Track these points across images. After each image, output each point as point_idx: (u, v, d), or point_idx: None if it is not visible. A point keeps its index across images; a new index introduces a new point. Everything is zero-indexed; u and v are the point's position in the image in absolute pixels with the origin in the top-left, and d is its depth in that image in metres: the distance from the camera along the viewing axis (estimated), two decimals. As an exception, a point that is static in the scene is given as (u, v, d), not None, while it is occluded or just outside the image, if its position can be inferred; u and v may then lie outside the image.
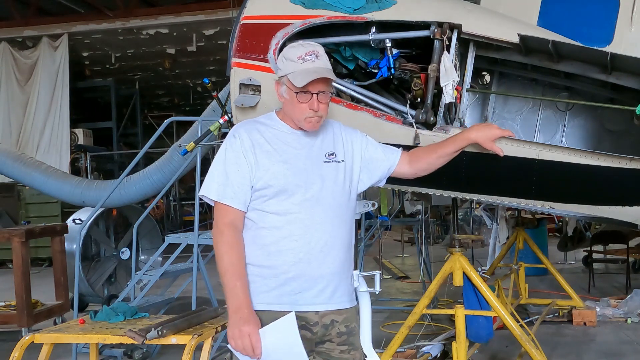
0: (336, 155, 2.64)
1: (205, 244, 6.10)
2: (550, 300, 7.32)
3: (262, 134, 2.60)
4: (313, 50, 2.57)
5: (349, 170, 2.66)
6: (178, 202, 20.43)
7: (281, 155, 2.56)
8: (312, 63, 2.53)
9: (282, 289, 2.50)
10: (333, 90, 2.65)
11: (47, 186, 8.41)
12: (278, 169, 2.53)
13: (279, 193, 2.52)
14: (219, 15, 14.22)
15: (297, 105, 2.55)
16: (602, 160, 3.87)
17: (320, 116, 2.58)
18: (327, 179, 2.57)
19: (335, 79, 2.62)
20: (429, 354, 5.61)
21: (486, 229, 11.28)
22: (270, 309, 2.50)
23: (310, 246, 2.51)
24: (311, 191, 2.54)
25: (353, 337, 2.62)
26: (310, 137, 2.64)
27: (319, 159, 2.60)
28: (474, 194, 4.35)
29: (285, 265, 2.50)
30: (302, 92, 2.53)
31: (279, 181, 2.52)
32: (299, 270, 2.50)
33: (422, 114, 3.97)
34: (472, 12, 4.16)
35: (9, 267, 12.32)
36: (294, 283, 2.50)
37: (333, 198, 2.57)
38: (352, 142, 2.72)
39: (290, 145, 2.60)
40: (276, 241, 2.51)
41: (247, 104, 4.12)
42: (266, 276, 2.52)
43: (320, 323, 2.55)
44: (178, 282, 7.06)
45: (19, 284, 6.53)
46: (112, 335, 3.19)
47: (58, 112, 15.39)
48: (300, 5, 4.15)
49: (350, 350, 2.62)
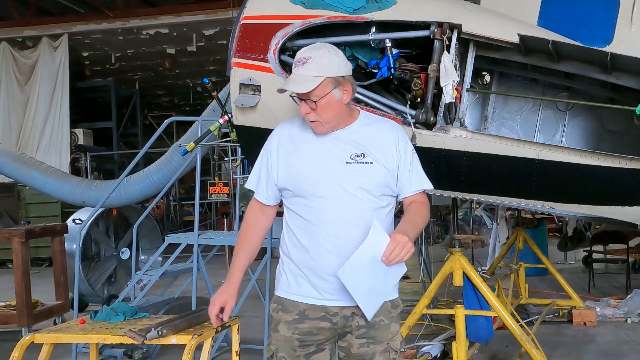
0: (365, 156, 2.60)
1: (205, 244, 6.11)
2: (550, 300, 7.32)
3: (292, 134, 2.69)
4: (305, 56, 2.57)
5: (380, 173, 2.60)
6: (178, 202, 20.44)
7: (301, 155, 2.63)
8: (297, 71, 2.56)
9: (299, 280, 2.63)
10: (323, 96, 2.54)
11: (47, 186, 8.41)
12: (295, 169, 2.62)
13: (297, 192, 2.61)
14: (219, 15, 14.22)
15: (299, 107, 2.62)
16: (602, 160, 3.88)
17: (316, 120, 2.58)
18: (344, 180, 2.57)
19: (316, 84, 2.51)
20: (429, 354, 5.61)
21: (486, 229, 11.30)
22: (289, 297, 2.65)
23: (320, 245, 2.57)
24: (323, 192, 2.57)
25: (374, 331, 2.63)
26: (336, 138, 2.63)
27: (341, 159, 2.59)
28: (474, 194, 4.36)
29: (303, 260, 2.61)
30: (297, 98, 2.60)
31: (295, 180, 2.61)
32: (314, 266, 2.58)
33: (422, 114, 3.98)
34: (472, 12, 4.16)
35: (9, 267, 12.32)
36: (311, 277, 2.60)
37: (349, 199, 2.57)
38: (397, 149, 2.66)
39: (312, 145, 2.64)
40: (297, 237, 2.63)
41: (247, 104, 4.13)
42: (289, 267, 2.67)
43: (340, 314, 2.60)
44: (178, 282, 7.06)
45: (19, 284, 6.53)
46: (112, 335, 3.18)
47: (58, 112, 15.38)
48: (300, 5, 4.15)
49: (370, 344, 2.64)
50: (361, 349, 2.64)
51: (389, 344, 2.66)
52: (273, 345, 2.68)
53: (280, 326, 2.65)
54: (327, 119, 2.59)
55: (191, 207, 19.46)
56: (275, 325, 2.69)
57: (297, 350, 2.63)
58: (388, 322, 2.66)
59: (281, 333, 2.65)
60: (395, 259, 2.41)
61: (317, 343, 2.64)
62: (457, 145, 4.01)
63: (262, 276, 5.71)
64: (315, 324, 2.61)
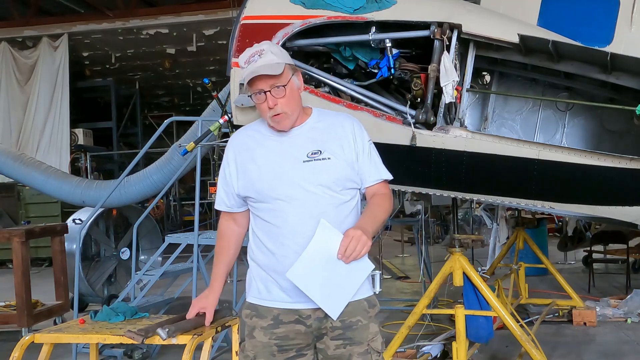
0: (322, 152, 2.56)
1: (205, 244, 6.10)
2: (550, 300, 7.32)
3: (246, 142, 2.66)
4: (257, 50, 2.55)
5: (339, 167, 2.57)
6: (178, 202, 20.44)
7: (257, 161, 2.59)
8: (254, 63, 2.52)
9: (269, 286, 2.59)
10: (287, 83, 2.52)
11: (47, 186, 8.41)
12: (254, 176, 2.59)
13: (259, 197, 2.58)
14: (219, 15, 14.22)
15: (259, 106, 2.57)
16: (602, 160, 3.88)
17: (282, 112, 2.53)
18: (303, 180, 2.53)
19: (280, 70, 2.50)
20: (429, 354, 5.61)
21: (486, 229, 11.30)
22: (261, 304, 2.62)
23: (287, 246, 2.52)
24: (284, 193, 2.53)
25: (351, 332, 2.57)
26: (292, 137, 2.61)
27: (297, 159, 2.56)
28: (474, 194, 4.36)
29: (270, 264, 2.58)
30: (255, 93, 2.54)
31: (255, 187, 2.58)
32: (282, 269, 2.51)
33: (422, 114, 3.98)
34: (472, 12, 4.16)
35: (9, 267, 12.32)
36: (280, 281, 2.56)
37: (311, 197, 2.52)
38: (354, 139, 2.63)
39: (268, 148, 2.61)
40: (263, 241, 2.60)
41: (247, 104, 4.12)
42: (258, 273, 2.65)
43: (313, 316, 2.56)
44: (178, 282, 7.06)
45: (19, 284, 6.53)
46: (112, 335, 3.18)
47: (58, 112, 15.38)
48: (300, 5, 4.15)
49: (347, 345, 2.57)
50: (337, 350, 2.58)
51: (369, 344, 2.60)
52: (250, 351, 2.62)
53: (256, 332, 2.60)
54: (291, 109, 2.55)
55: (191, 207, 19.47)
56: (250, 331, 2.63)
57: (276, 355, 2.58)
58: (366, 323, 2.60)
59: (258, 339, 2.59)
60: (352, 255, 2.39)
61: (297, 348, 2.59)
62: (457, 145, 4.01)
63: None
64: (291, 328, 2.57)
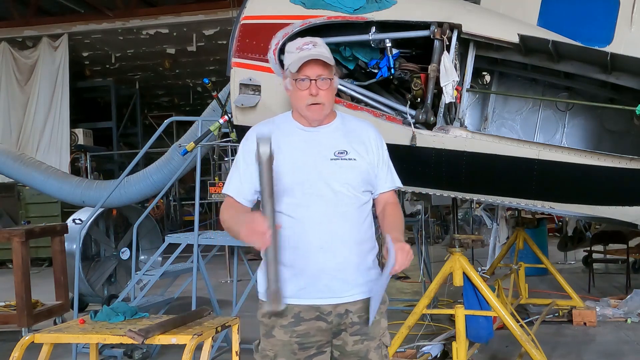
0: (348, 153, 2.62)
1: (205, 244, 6.10)
2: (550, 300, 7.32)
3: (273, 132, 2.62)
4: (310, 40, 2.63)
5: (363, 169, 2.64)
6: (178, 202, 20.43)
7: (284, 153, 2.58)
8: (308, 51, 2.58)
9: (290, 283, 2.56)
10: (333, 78, 2.62)
11: (47, 186, 8.41)
12: (281, 168, 2.54)
13: (283, 190, 2.55)
14: (219, 15, 14.22)
15: (298, 92, 2.60)
16: (602, 160, 3.88)
17: (321, 103, 2.59)
18: (330, 177, 2.57)
19: (332, 63, 2.61)
20: (429, 354, 5.61)
21: (486, 229, 11.29)
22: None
23: (310, 243, 2.54)
24: (310, 189, 2.56)
25: (367, 327, 2.63)
26: (319, 135, 2.65)
27: (325, 156, 2.60)
28: (474, 194, 4.36)
29: (292, 259, 2.56)
30: (300, 79, 2.57)
31: (282, 179, 2.55)
32: (305, 264, 2.55)
33: (422, 114, 3.98)
34: (472, 12, 4.17)
35: (9, 267, 12.32)
36: (301, 278, 2.57)
37: (336, 195, 2.57)
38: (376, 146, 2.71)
39: (295, 143, 2.63)
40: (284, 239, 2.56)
41: (247, 104, 4.13)
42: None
43: (334, 312, 2.60)
44: (178, 282, 7.05)
45: (19, 284, 6.53)
46: (112, 335, 3.19)
47: (58, 112, 15.38)
48: (300, 5, 4.15)
49: (364, 341, 2.64)
50: (355, 346, 2.63)
51: (381, 339, 2.69)
52: (270, 351, 2.61)
53: (276, 331, 2.60)
54: (328, 103, 2.62)
55: (191, 207, 19.45)
56: (268, 330, 2.62)
57: (297, 354, 2.59)
58: (379, 318, 2.68)
59: (277, 338, 2.60)
60: (402, 265, 2.50)
61: (317, 345, 2.61)
62: (457, 145, 4.02)
63: (262, 276, 5.71)
64: (312, 325, 2.59)
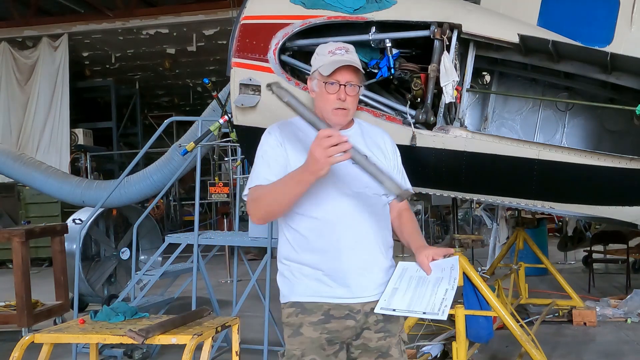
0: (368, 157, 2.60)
1: (205, 244, 6.11)
2: (550, 300, 7.32)
3: (296, 133, 2.68)
4: (343, 46, 2.70)
5: None
6: (178, 202, 20.43)
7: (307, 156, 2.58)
8: (341, 56, 2.64)
9: (320, 283, 2.61)
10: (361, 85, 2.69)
11: (47, 186, 8.41)
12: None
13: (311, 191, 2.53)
14: (219, 15, 14.23)
15: (326, 96, 2.64)
16: (602, 160, 3.88)
17: (347, 108, 2.64)
18: (355, 179, 2.60)
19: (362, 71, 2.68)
20: (429, 354, 5.60)
21: (486, 229, 11.29)
22: (309, 301, 2.62)
23: (337, 243, 2.59)
24: (338, 189, 2.60)
25: (390, 324, 2.69)
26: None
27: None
28: (474, 194, 4.36)
29: (320, 262, 2.60)
30: (329, 83, 2.62)
31: None
32: (336, 266, 2.59)
33: (422, 114, 3.98)
34: (472, 12, 4.16)
35: (9, 267, 12.32)
36: (334, 277, 2.61)
37: (361, 197, 2.63)
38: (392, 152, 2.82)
39: None
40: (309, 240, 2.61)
41: (247, 104, 4.13)
42: (304, 272, 2.64)
43: (362, 311, 2.64)
44: (178, 282, 7.06)
45: (19, 284, 6.53)
46: (112, 335, 3.19)
47: (58, 112, 15.38)
48: (300, 5, 4.15)
49: (387, 337, 2.69)
50: (379, 342, 2.69)
51: (400, 336, 2.75)
52: (297, 349, 2.62)
53: (304, 328, 2.61)
54: (353, 109, 2.68)
55: (191, 207, 19.44)
56: (296, 328, 2.63)
57: (326, 349, 2.62)
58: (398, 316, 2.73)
59: (306, 335, 2.61)
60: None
61: (341, 342, 2.66)
62: (457, 145, 4.02)
63: (262, 276, 5.71)
64: (342, 323, 2.63)
